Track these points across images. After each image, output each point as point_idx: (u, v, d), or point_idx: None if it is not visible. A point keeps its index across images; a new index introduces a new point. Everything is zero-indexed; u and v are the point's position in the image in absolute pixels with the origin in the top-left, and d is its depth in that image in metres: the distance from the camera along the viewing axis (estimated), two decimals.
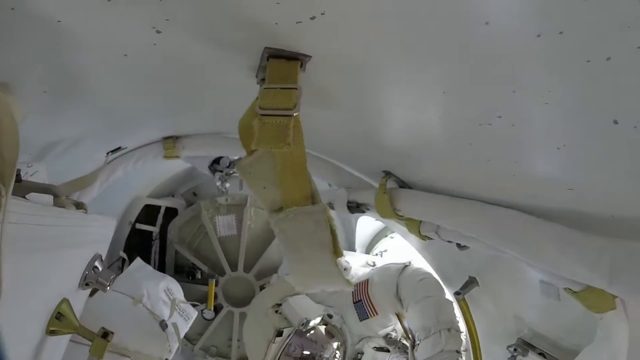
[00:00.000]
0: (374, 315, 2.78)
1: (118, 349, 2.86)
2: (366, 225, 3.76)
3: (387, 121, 1.46)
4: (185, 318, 3.45)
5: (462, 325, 2.50)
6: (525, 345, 2.01)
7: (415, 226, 1.80)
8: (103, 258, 2.88)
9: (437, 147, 1.45)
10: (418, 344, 2.45)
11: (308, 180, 1.14)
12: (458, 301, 2.37)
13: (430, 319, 2.44)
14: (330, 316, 2.88)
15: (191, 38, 1.13)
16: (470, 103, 1.09)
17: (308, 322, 2.72)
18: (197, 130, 2.46)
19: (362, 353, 2.90)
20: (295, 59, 1.12)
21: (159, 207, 4.22)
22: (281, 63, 1.11)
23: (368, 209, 2.01)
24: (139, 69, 1.40)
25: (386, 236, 3.76)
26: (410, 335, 2.65)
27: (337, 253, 1.20)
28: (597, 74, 0.81)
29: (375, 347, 2.86)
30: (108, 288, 2.72)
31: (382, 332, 2.89)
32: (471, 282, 2.26)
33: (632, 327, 1.52)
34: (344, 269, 3.03)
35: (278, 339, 2.73)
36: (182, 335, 3.37)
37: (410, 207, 1.74)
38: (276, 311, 2.85)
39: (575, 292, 1.53)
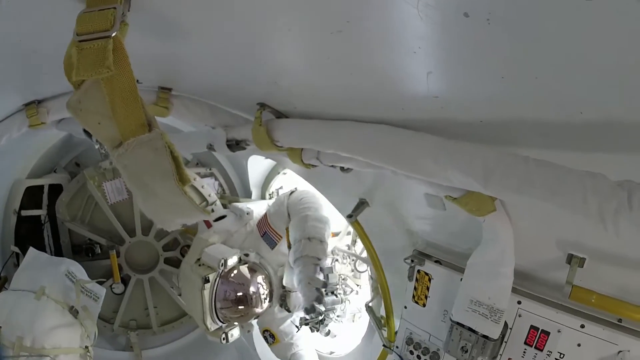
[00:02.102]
0: (279, 239, 3.15)
1: (35, 351, 2.66)
2: (258, 165, 3.71)
3: (245, 45, 1.32)
4: (94, 298, 3.25)
5: (359, 245, 2.81)
6: (421, 256, 2.10)
7: (297, 155, 1.74)
8: None
9: (299, 69, 1.36)
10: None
11: (140, 106, 1.05)
12: (351, 223, 2.42)
13: (297, 231, 2.86)
14: (246, 255, 3.17)
15: None
16: (313, 7, 0.98)
17: (226, 261, 2.98)
18: (61, 89, 2.12)
19: None
20: None
21: (42, 187, 3.78)
22: None
23: (248, 145, 1.91)
24: None
25: (279, 173, 3.75)
26: None
27: (183, 180, 1.14)
28: None
29: None
30: None
31: None
32: (362, 204, 2.31)
33: (514, 224, 1.61)
34: (247, 214, 3.30)
35: (207, 285, 2.97)
36: (95, 317, 3.20)
37: (288, 136, 1.68)
38: (199, 265, 3.09)
39: (455, 198, 1.57)
